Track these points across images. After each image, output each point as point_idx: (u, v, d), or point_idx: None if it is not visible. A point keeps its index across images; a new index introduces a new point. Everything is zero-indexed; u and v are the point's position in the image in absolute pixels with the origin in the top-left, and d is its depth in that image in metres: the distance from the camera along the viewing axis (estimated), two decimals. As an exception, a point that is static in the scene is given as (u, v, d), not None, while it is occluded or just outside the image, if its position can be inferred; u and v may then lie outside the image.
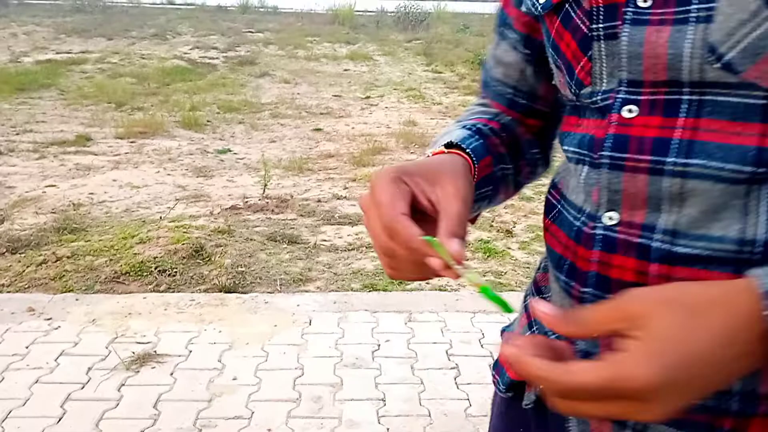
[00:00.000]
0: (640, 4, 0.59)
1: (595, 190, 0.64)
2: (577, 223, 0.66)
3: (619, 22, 0.60)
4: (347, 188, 5.13)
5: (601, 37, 0.61)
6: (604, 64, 0.62)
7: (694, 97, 0.57)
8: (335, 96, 8.67)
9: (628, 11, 0.59)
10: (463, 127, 0.77)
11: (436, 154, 0.71)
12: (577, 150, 0.67)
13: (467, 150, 0.71)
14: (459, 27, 15.18)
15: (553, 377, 0.49)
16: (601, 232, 0.63)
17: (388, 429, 2.43)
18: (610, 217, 0.62)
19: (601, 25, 0.61)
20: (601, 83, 0.63)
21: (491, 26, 0.89)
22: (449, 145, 0.71)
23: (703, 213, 0.57)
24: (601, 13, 0.61)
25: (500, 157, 0.77)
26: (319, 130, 6.96)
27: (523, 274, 3.80)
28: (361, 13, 16.84)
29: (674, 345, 0.47)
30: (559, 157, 0.81)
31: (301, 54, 11.85)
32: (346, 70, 10.65)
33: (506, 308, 0.57)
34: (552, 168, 0.87)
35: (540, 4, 0.68)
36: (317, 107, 7.95)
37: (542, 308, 0.53)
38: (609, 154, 0.61)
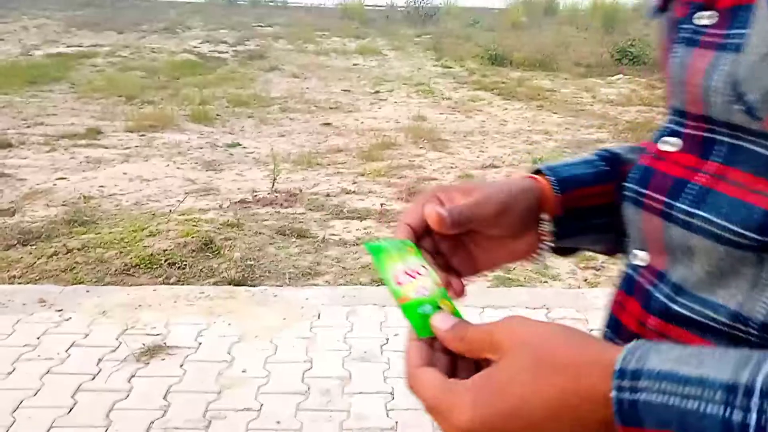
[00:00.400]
0: (697, 21, 0.51)
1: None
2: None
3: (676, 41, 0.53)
4: (356, 183, 5.13)
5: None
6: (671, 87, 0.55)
7: (729, 141, 0.49)
8: (344, 90, 8.66)
9: (683, 28, 0.52)
10: (596, 152, 0.70)
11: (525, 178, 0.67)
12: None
13: (550, 178, 0.65)
14: (469, 22, 15.12)
15: (406, 368, 0.51)
16: (627, 270, 0.58)
17: (396, 422, 2.43)
18: (638, 257, 0.57)
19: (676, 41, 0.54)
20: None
21: (501, 21, 0.87)
22: (538, 171, 0.67)
23: (708, 274, 0.50)
24: (679, 26, 0.54)
25: None
26: (328, 124, 6.96)
27: (532, 269, 3.79)
28: (370, 7, 16.81)
29: (502, 398, 0.44)
30: None
31: (311, 48, 11.85)
32: (355, 64, 10.64)
33: (420, 332, 0.52)
34: None
35: (651, 9, 0.61)
36: (326, 102, 7.95)
37: (434, 321, 0.52)
38: (632, 186, 0.56)
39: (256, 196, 4.75)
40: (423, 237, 0.60)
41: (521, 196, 0.62)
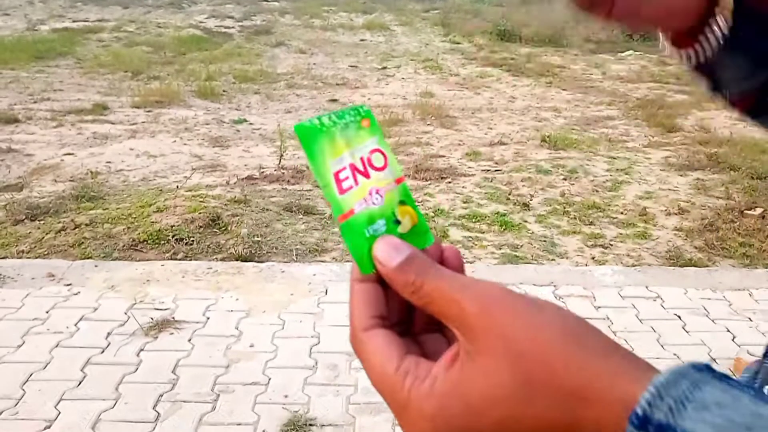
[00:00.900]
0: None
1: None
2: None
3: None
4: (363, 159, 5.11)
5: None
6: None
7: None
8: (351, 66, 8.60)
9: None
10: None
11: None
12: None
13: None
14: (477, -3, 14.94)
15: (350, 327, 0.38)
16: None
17: (403, 397, 2.44)
18: None
19: None
20: None
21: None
22: None
23: None
24: None
25: None
26: (335, 100, 6.92)
27: (540, 247, 3.78)
28: (378, -18, 16.61)
29: (472, 419, 0.33)
30: None
31: (317, 23, 11.75)
32: (362, 40, 10.54)
33: (364, 267, 0.36)
34: None
35: None
36: (333, 78, 7.90)
37: (376, 251, 0.37)
38: None
39: (263, 172, 4.75)
40: None
41: None
